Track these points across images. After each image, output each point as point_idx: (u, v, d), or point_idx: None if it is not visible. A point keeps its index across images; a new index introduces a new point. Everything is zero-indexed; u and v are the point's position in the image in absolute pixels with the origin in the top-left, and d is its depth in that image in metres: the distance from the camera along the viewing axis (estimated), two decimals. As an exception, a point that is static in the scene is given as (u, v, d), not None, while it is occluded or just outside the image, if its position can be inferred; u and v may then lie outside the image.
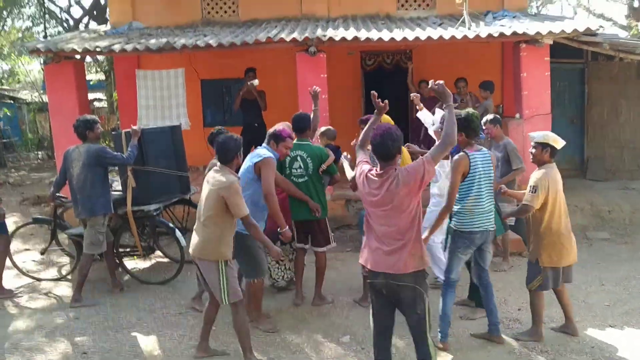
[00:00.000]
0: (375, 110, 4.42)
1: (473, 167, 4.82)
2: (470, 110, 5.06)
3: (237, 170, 4.83)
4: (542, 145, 4.95)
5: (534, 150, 5.02)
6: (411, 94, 6.97)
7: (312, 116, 6.10)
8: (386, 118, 5.62)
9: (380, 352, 4.06)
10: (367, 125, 4.36)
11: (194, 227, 4.78)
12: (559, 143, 4.97)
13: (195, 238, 4.72)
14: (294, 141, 5.61)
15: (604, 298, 6.10)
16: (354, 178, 4.40)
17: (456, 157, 4.89)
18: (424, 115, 6.65)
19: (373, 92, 4.47)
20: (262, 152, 5.21)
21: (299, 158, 5.75)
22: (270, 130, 5.42)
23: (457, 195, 4.86)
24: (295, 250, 6.11)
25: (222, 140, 4.70)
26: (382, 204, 3.79)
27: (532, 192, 4.85)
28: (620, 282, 6.57)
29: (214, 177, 4.64)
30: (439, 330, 4.91)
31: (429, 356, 3.88)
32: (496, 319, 5.04)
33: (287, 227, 5.24)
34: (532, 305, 5.10)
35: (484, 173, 4.87)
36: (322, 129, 6.68)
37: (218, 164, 4.71)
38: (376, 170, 3.89)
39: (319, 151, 5.86)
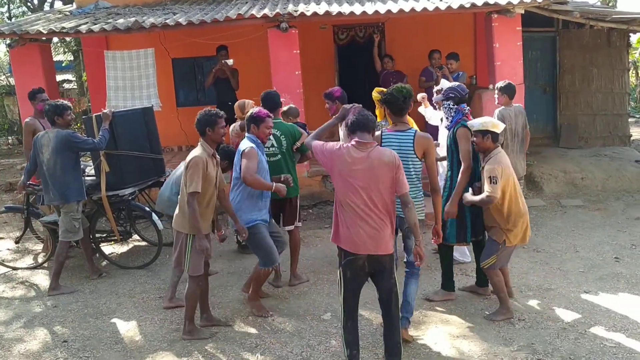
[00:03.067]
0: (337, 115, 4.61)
1: None
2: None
3: (216, 144, 4.94)
4: (482, 133, 4.87)
5: (475, 139, 4.93)
6: (418, 95, 6.87)
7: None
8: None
9: (354, 317, 4.14)
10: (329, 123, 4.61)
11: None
12: (498, 127, 4.92)
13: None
14: None
15: (579, 265, 6.22)
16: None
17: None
18: (429, 112, 7.00)
19: None
20: (242, 145, 5.11)
21: (272, 137, 5.60)
22: (247, 115, 5.27)
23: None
24: None
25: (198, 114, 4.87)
26: (367, 175, 3.90)
27: (493, 183, 4.74)
28: (594, 248, 6.71)
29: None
30: None
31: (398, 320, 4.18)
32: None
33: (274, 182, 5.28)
34: (493, 283, 5.09)
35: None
36: (284, 108, 6.43)
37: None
38: (356, 141, 3.98)
39: (292, 129, 5.78)
